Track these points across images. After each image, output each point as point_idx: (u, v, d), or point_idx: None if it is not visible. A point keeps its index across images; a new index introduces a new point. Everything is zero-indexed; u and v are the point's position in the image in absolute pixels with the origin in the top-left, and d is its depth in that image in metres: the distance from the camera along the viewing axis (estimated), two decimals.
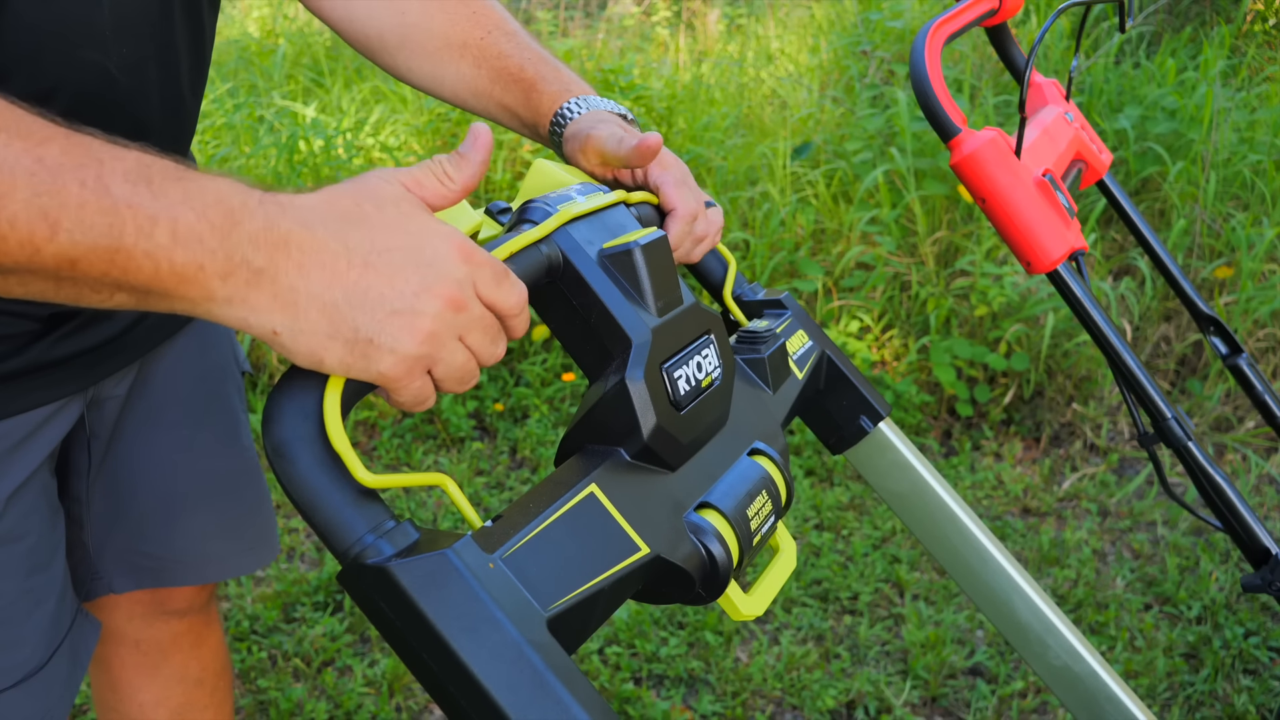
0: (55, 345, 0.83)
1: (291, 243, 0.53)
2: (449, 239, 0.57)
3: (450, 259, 0.56)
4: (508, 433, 2.60)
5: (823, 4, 4.66)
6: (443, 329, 0.56)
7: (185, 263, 0.52)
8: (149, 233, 0.51)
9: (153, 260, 0.51)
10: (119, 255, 0.51)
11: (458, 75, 0.97)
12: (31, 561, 0.88)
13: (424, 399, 0.58)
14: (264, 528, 1.14)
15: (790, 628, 2.01)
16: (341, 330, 0.54)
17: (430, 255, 0.55)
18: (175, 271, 0.52)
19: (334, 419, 0.54)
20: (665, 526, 0.64)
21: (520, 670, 0.51)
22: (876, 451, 0.95)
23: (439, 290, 0.55)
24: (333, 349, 0.54)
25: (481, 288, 0.57)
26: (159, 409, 1.01)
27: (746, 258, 2.93)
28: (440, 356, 0.56)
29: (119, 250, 0.51)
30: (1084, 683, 0.90)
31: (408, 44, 0.99)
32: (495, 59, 0.96)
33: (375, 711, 1.78)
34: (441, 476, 0.57)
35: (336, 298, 0.53)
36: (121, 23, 0.74)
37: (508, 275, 0.59)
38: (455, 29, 0.97)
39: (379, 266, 0.54)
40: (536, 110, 0.93)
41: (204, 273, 0.52)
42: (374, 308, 0.54)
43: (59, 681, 0.91)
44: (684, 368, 0.68)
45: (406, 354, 0.55)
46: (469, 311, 0.57)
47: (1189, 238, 2.96)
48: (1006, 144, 1.07)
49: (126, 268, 0.52)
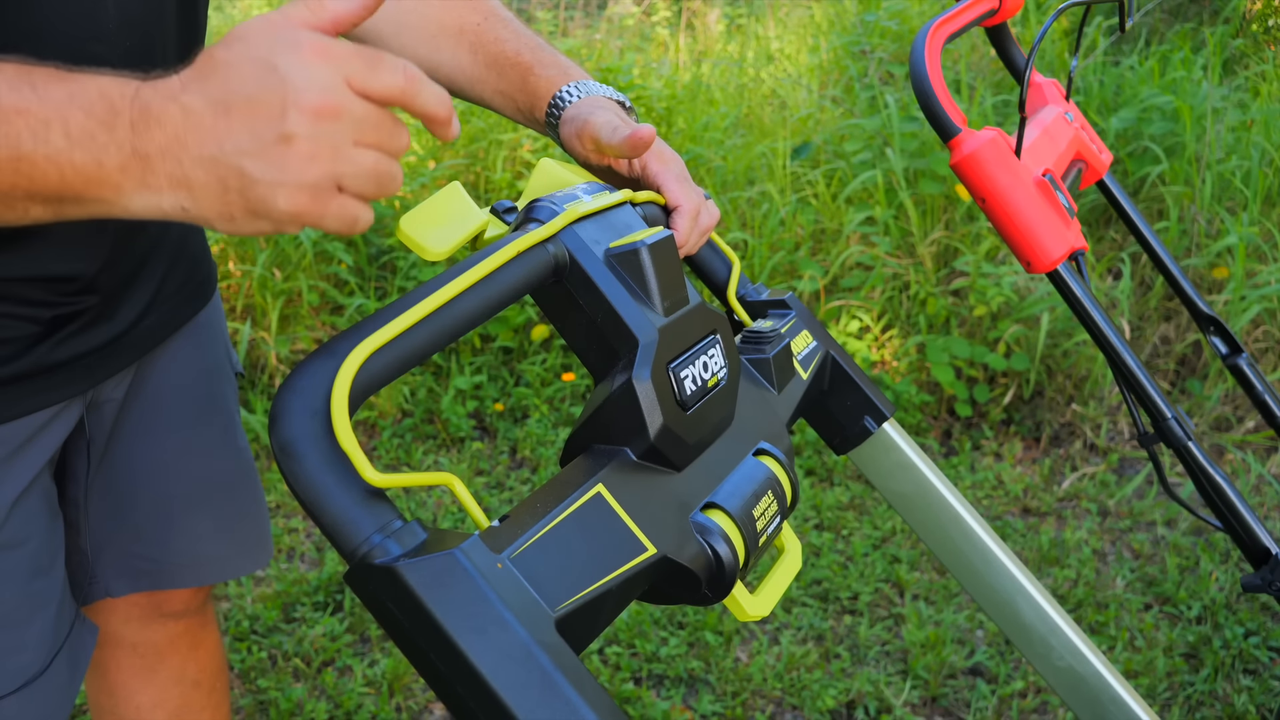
0: (56, 348, 0.83)
1: (165, 118, 0.52)
2: (298, 46, 0.52)
3: (306, 65, 0.52)
4: (508, 433, 2.60)
5: (823, 4, 4.66)
6: (324, 142, 0.52)
7: (84, 162, 0.52)
8: (44, 137, 0.52)
9: (55, 165, 0.52)
10: (22, 164, 0.52)
11: (454, 61, 0.97)
12: (33, 566, 0.87)
13: (352, 219, 0.55)
14: (259, 529, 1.14)
15: (790, 628, 2.01)
16: (230, 181, 0.52)
17: (284, 71, 0.52)
18: (78, 172, 0.52)
19: (341, 418, 0.54)
20: (672, 527, 0.64)
21: (529, 671, 0.51)
22: (880, 452, 0.95)
23: (302, 104, 0.51)
24: (234, 202, 0.53)
25: (356, 81, 0.53)
26: (155, 412, 1.01)
27: (746, 258, 2.93)
28: (340, 170, 0.53)
29: (21, 159, 0.52)
30: (1088, 684, 0.90)
31: (404, 29, 0.98)
32: (492, 44, 0.96)
33: (375, 711, 1.78)
34: (449, 476, 0.57)
35: (214, 152, 0.52)
36: (125, 16, 0.74)
37: (381, 57, 0.54)
38: (451, 14, 0.97)
39: (240, 107, 0.52)
40: (533, 95, 0.93)
41: (104, 169, 0.52)
42: (248, 148, 0.52)
43: (59, 686, 0.90)
44: (690, 368, 0.68)
45: (301, 182, 0.52)
46: (349, 112, 0.53)
47: (1187, 238, 2.96)
48: (1006, 144, 1.07)
49: (32, 175, 0.52)
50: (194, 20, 0.86)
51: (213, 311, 1.06)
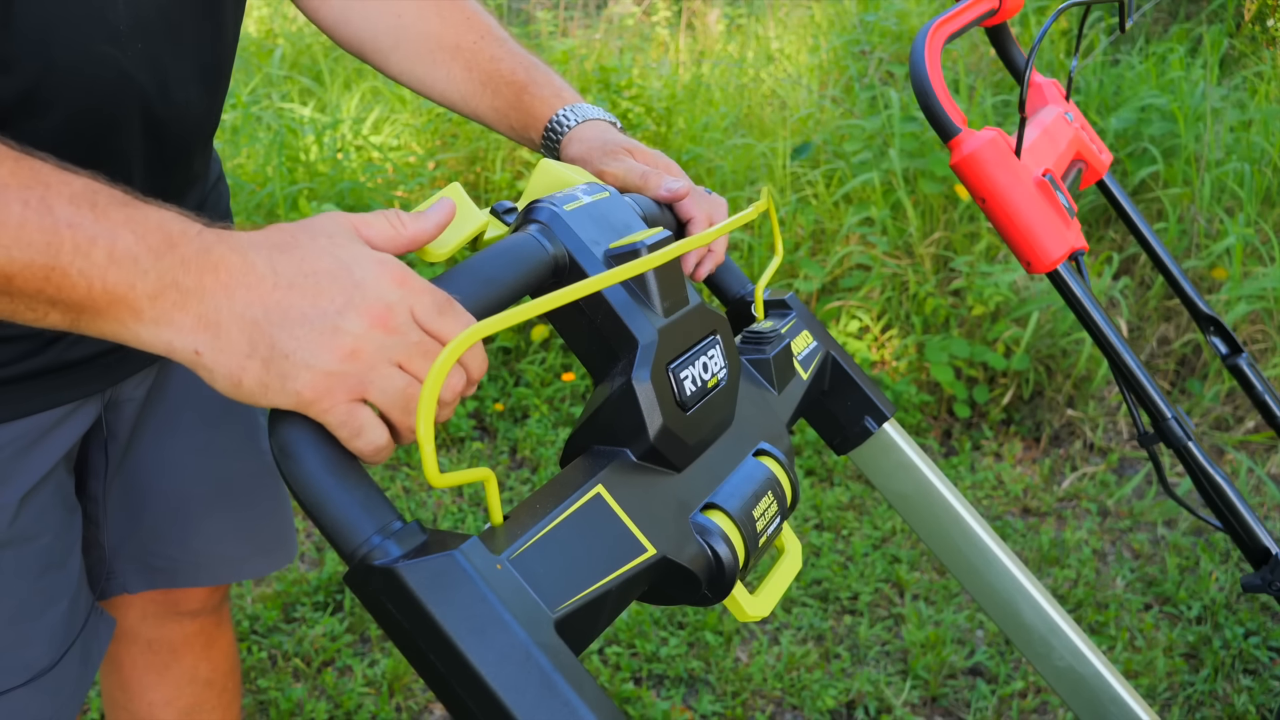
0: (72, 347, 0.84)
1: (221, 266, 0.53)
2: (383, 264, 0.55)
3: (381, 281, 0.54)
4: (508, 433, 2.60)
5: (823, 4, 4.66)
6: (369, 348, 0.53)
7: (117, 282, 0.52)
8: (86, 252, 0.52)
9: (86, 279, 0.52)
10: (54, 273, 0.52)
11: (449, 78, 0.98)
12: (46, 561, 0.88)
13: (359, 426, 0.54)
14: (280, 531, 1.14)
15: (790, 628, 2.01)
16: (259, 348, 0.53)
17: (360, 276, 0.54)
18: (107, 290, 0.52)
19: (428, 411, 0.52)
20: (672, 528, 0.64)
21: (528, 672, 0.51)
22: (881, 452, 0.95)
23: (364, 308, 0.53)
24: (250, 368, 0.53)
25: (420, 314, 0.55)
26: (177, 411, 1.01)
27: (746, 258, 2.93)
28: (371, 379, 0.54)
29: (55, 268, 0.52)
30: (1088, 684, 0.90)
31: (401, 46, 1.00)
32: (487, 63, 0.97)
33: (375, 711, 1.78)
34: (486, 471, 0.57)
35: (257, 315, 0.53)
36: (137, 18, 0.74)
37: (452, 306, 0.56)
38: (448, 32, 0.98)
39: (303, 286, 0.53)
40: (528, 114, 0.94)
41: (134, 292, 0.53)
42: (294, 324, 0.53)
43: (70, 680, 0.91)
44: (690, 368, 0.68)
45: (325, 369, 0.53)
46: (403, 335, 0.54)
47: (1186, 238, 2.96)
48: (1006, 144, 1.07)
49: (61, 285, 0.52)
50: (219, 28, 0.85)
51: None
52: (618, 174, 0.84)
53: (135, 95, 0.76)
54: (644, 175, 0.83)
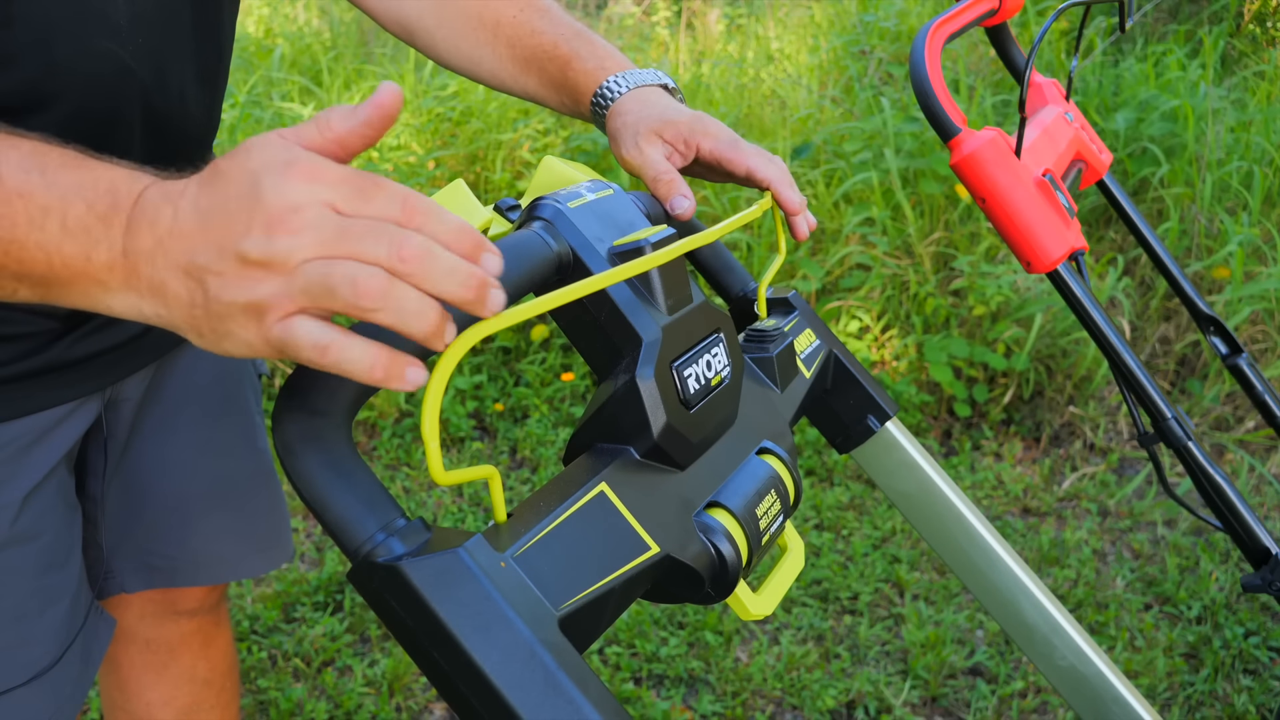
0: (74, 345, 0.83)
1: (159, 221, 0.50)
2: (288, 165, 0.48)
3: (283, 184, 0.47)
4: (508, 433, 2.60)
5: (823, 4, 4.66)
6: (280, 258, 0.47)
7: (73, 254, 0.51)
8: (40, 224, 0.50)
9: (45, 252, 0.51)
10: (13, 246, 0.51)
11: (494, 55, 0.96)
12: (47, 560, 0.87)
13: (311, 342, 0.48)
14: (277, 530, 1.14)
15: (790, 628, 2.01)
16: (195, 296, 0.49)
17: (265, 187, 0.48)
18: (66, 264, 0.51)
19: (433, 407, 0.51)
20: (675, 526, 0.64)
21: (532, 670, 0.51)
22: (883, 451, 0.95)
23: (265, 219, 0.47)
24: (199, 318, 0.50)
25: (345, 205, 0.48)
26: (175, 410, 1.01)
27: (746, 258, 2.93)
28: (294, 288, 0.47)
29: (13, 241, 0.51)
30: (1090, 683, 0.90)
31: (444, 25, 0.97)
32: (528, 36, 0.94)
33: (375, 711, 1.78)
34: (490, 469, 0.56)
35: (185, 263, 0.49)
36: (137, 12, 0.74)
37: (379, 184, 0.49)
38: (488, 8, 0.96)
39: (216, 219, 0.48)
40: (575, 89, 0.91)
41: (91, 264, 0.51)
42: (212, 263, 0.48)
43: (70, 680, 0.91)
44: (694, 366, 0.68)
45: (252, 300, 0.47)
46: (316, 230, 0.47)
47: (1187, 239, 2.96)
48: (1006, 144, 1.07)
49: (21, 259, 0.51)
50: (215, 23, 0.85)
51: None
52: (633, 164, 0.82)
53: (136, 91, 0.76)
54: (655, 180, 0.81)
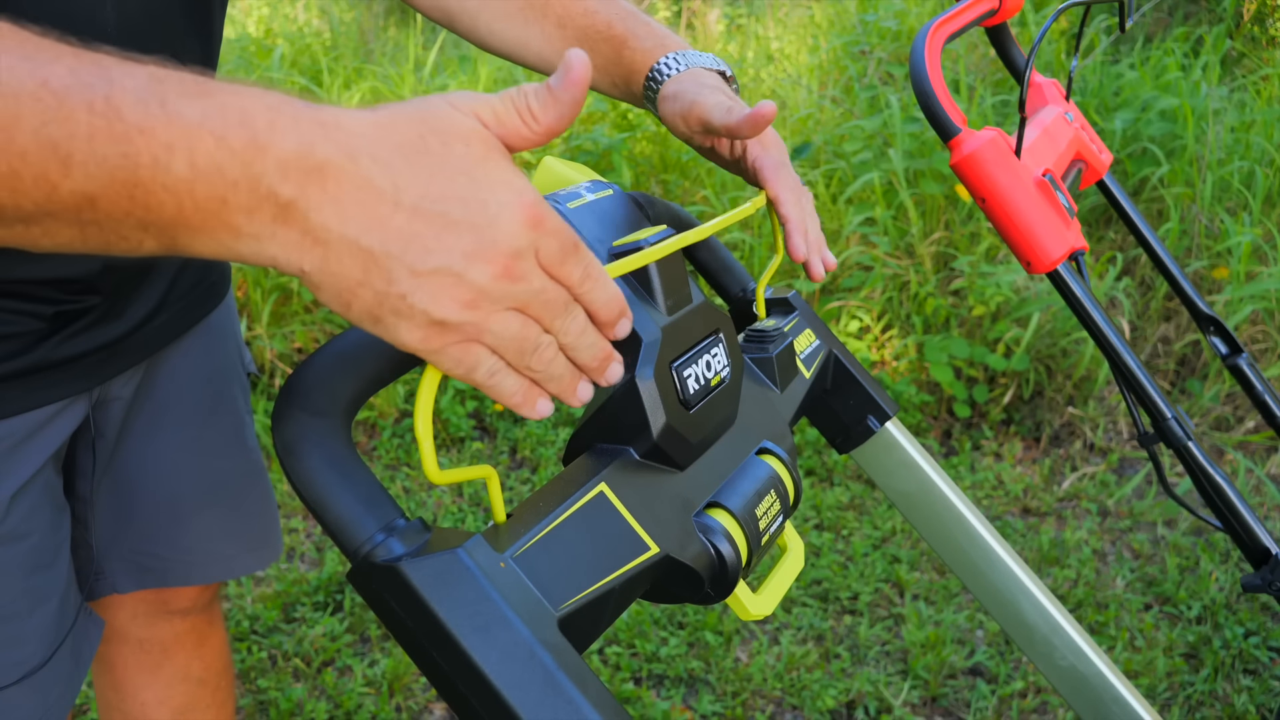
0: (61, 345, 0.83)
1: (328, 173, 0.46)
2: (520, 197, 0.48)
3: (514, 221, 0.48)
4: (508, 433, 2.60)
5: (823, 4, 4.66)
6: (491, 297, 0.48)
7: (207, 197, 0.45)
8: (166, 163, 0.45)
9: (174, 195, 0.45)
10: (138, 190, 0.45)
11: (542, 35, 0.92)
12: (35, 560, 0.87)
13: (472, 364, 0.50)
14: (267, 528, 1.14)
15: (790, 628, 2.01)
16: (373, 279, 0.47)
17: (494, 212, 0.47)
18: (198, 207, 0.45)
19: (426, 409, 0.52)
20: (675, 526, 0.64)
21: (532, 670, 0.51)
22: (883, 451, 0.95)
23: (494, 256, 0.48)
24: (362, 296, 0.48)
25: (545, 257, 0.50)
26: (165, 410, 1.01)
27: (746, 258, 2.93)
28: (487, 326, 0.49)
29: (137, 184, 0.45)
30: (1090, 683, 0.90)
31: (488, 5, 0.94)
32: (580, 16, 0.91)
33: (375, 711, 1.78)
34: (488, 469, 0.56)
35: (373, 243, 0.46)
36: (126, 20, 0.74)
37: (578, 249, 0.51)
38: None
39: (431, 215, 0.47)
40: (630, 69, 0.88)
41: (226, 207, 0.45)
42: (415, 261, 0.47)
43: (60, 680, 0.91)
44: (693, 366, 0.68)
45: (444, 319, 0.48)
46: (526, 283, 0.49)
47: (1188, 239, 2.96)
48: (1006, 144, 1.07)
49: (148, 204, 0.45)
50: (204, 29, 0.85)
51: (225, 311, 1.06)
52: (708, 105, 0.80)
53: None
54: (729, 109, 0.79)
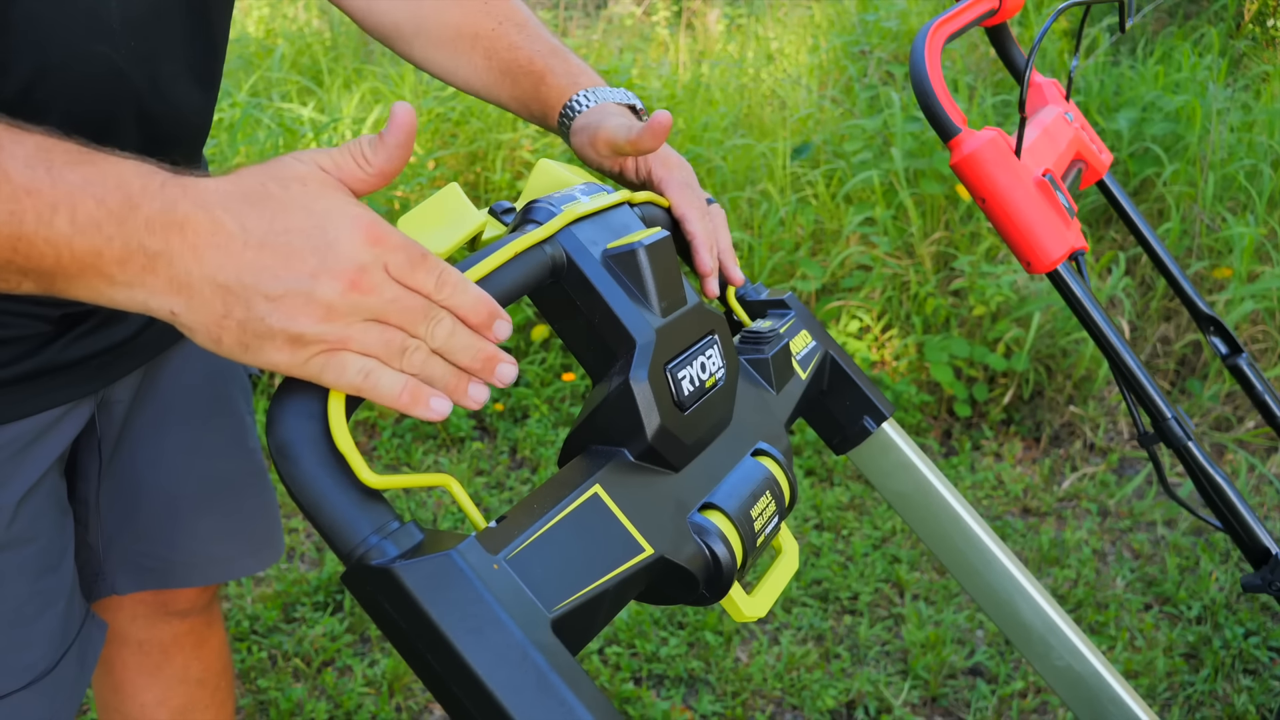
0: (67, 348, 0.83)
1: (187, 225, 0.52)
2: (356, 220, 0.53)
3: (353, 240, 0.53)
4: (508, 433, 2.60)
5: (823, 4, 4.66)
6: (344, 308, 0.53)
7: (84, 250, 0.52)
8: (49, 221, 0.51)
9: (53, 247, 0.51)
10: (20, 242, 0.51)
11: (470, 66, 0.99)
12: (42, 563, 0.87)
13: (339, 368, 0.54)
14: (268, 529, 1.14)
15: (790, 628, 2.01)
16: (234, 311, 0.52)
17: (332, 236, 0.53)
18: (75, 258, 0.52)
19: (338, 420, 0.54)
20: (669, 527, 0.64)
21: (525, 672, 0.51)
22: (880, 452, 0.95)
23: (338, 271, 0.52)
24: (228, 328, 0.53)
25: (395, 270, 0.54)
26: (166, 411, 1.01)
27: (746, 258, 2.93)
28: (348, 334, 0.53)
29: (20, 238, 0.51)
30: (1087, 683, 0.90)
31: (423, 33, 1.00)
32: (505, 50, 0.97)
33: (375, 711, 1.78)
34: (446, 477, 0.57)
35: (229, 278, 0.52)
36: (129, 15, 0.74)
37: (425, 259, 0.55)
38: (468, 20, 0.99)
39: (275, 247, 0.52)
40: (546, 103, 0.94)
41: (101, 259, 0.52)
42: (267, 287, 0.52)
43: (68, 683, 0.91)
44: (688, 368, 0.68)
45: (300, 332, 0.52)
46: (379, 294, 0.53)
47: (1189, 238, 2.96)
48: (1006, 144, 1.07)
49: (29, 254, 0.52)
50: (208, 26, 0.85)
51: None
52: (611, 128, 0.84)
53: (129, 94, 0.76)
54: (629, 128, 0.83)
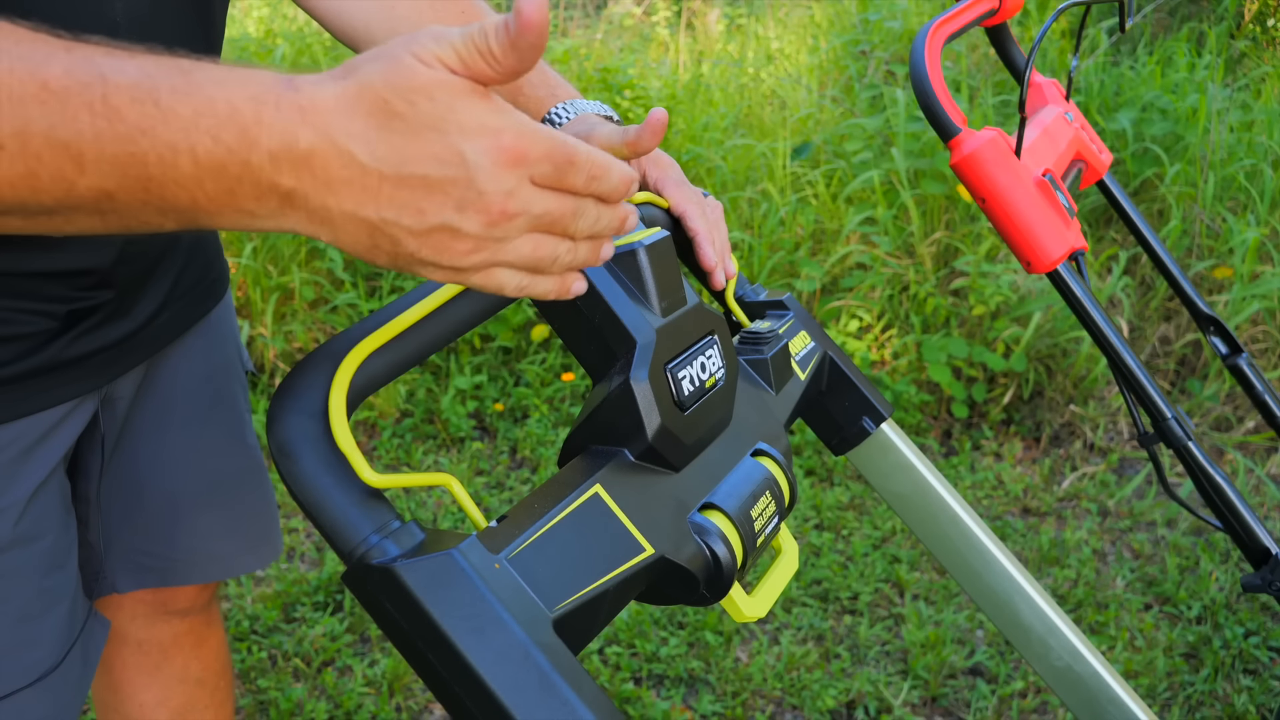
0: (73, 343, 0.83)
1: (314, 159, 0.49)
2: (494, 140, 0.50)
3: (494, 166, 0.50)
4: (508, 433, 2.60)
5: (822, 4, 4.66)
6: (495, 236, 0.51)
7: (216, 191, 0.49)
8: (172, 163, 0.48)
9: (186, 190, 0.49)
10: (152, 184, 0.48)
11: None
12: (49, 561, 0.88)
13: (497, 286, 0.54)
14: (267, 527, 1.14)
15: (790, 628, 2.01)
16: (381, 244, 0.51)
17: (472, 161, 0.50)
18: (210, 198, 0.49)
19: (339, 418, 0.54)
20: (669, 527, 0.64)
21: (526, 671, 0.51)
22: (879, 452, 0.95)
23: (481, 204, 0.50)
24: (380, 255, 0.52)
25: (542, 180, 0.52)
26: (166, 408, 1.01)
27: (746, 257, 2.93)
28: (503, 253, 0.52)
29: (150, 179, 0.48)
30: (1086, 683, 0.90)
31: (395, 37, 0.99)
32: None
33: (375, 711, 1.78)
34: (447, 476, 0.57)
35: (370, 214, 0.50)
36: (131, 14, 0.75)
37: (573, 161, 0.52)
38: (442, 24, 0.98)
39: (412, 180, 0.49)
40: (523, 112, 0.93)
41: (235, 198, 0.49)
42: (411, 223, 0.50)
43: (72, 681, 0.91)
44: (688, 368, 0.68)
45: (454, 263, 0.52)
46: (527, 211, 0.52)
47: (1189, 238, 2.96)
48: (1006, 144, 1.07)
49: (164, 196, 0.49)
50: (207, 21, 0.86)
51: (224, 310, 1.07)
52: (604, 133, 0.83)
53: None
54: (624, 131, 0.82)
